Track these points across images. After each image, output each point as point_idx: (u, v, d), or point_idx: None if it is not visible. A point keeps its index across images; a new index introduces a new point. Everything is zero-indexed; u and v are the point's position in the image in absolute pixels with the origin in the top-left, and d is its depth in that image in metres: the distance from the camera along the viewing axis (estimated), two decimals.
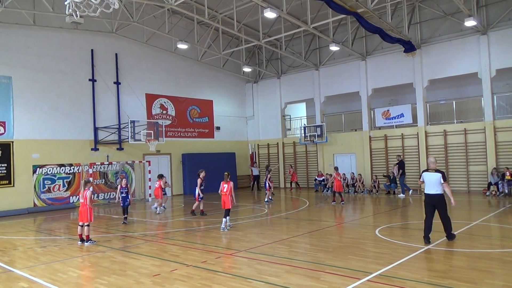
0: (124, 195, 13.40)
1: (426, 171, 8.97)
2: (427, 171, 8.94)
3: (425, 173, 8.98)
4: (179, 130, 24.57)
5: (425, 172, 8.98)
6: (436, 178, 8.67)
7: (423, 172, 9.11)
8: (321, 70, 24.94)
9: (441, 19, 20.30)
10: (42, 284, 6.96)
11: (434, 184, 8.69)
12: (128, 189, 13.52)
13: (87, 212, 10.17)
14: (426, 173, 8.95)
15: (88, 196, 10.21)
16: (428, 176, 8.85)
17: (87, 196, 10.22)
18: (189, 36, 22.54)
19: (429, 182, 8.80)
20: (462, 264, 7.14)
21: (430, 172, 8.86)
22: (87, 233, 10.28)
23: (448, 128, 20.04)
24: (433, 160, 9.01)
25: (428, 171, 8.93)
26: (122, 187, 13.45)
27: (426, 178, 8.89)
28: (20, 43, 18.30)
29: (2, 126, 17.57)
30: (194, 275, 7.06)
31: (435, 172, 8.76)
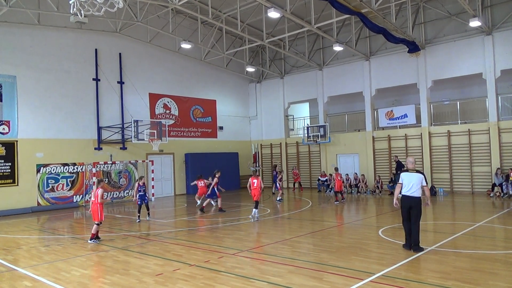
0: (142, 193, 13.51)
1: (407, 172, 8.42)
2: (408, 172, 8.40)
3: (405, 173, 8.40)
4: (182, 130, 24.60)
5: (405, 173, 8.41)
6: (418, 179, 8.24)
7: (402, 172, 8.51)
8: (325, 70, 24.90)
9: (445, 19, 20.22)
10: (45, 283, 6.98)
11: (415, 185, 8.22)
12: (145, 187, 13.62)
13: (97, 211, 10.27)
14: (407, 173, 8.38)
15: (99, 194, 10.30)
16: (409, 176, 8.30)
17: (98, 194, 10.30)
18: (193, 36, 22.56)
19: (409, 183, 8.25)
20: (465, 265, 7.11)
21: (411, 172, 8.35)
22: (94, 232, 10.37)
23: (452, 128, 19.96)
24: (412, 160, 8.57)
25: (408, 171, 8.41)
26: (140, 186, 13.54)
27: (406, 179, 8.31)
28: (25, 43, 18.38)
29: (6, 125, 17.65)
30: (197, 275, 7.06)
31: (416, 173, 8.35)
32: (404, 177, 8.37)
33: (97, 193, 10.31)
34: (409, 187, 8.24)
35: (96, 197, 10.30)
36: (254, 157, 27.66)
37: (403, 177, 8.38)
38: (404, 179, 8.35)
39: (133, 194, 15.73)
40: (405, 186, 8.32)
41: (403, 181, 8.35)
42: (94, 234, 10.37)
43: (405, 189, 8.31)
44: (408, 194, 8.27)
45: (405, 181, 8.33)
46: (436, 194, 18.89)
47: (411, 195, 8.24)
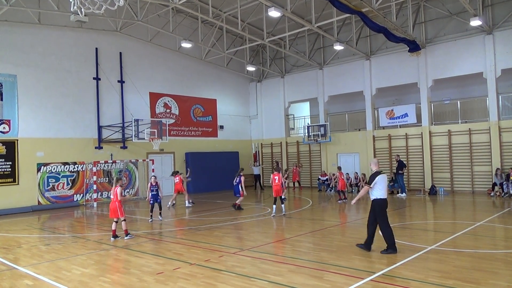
0: (154, 192, 13.49)
1: (381, 174, 8.19)
2: (381, 174, 8.19)
3: (381, 176, 8.17)
4: (183, 129, 24.60)
5: (381, 175, 8.18)
6: (387, 180, 8.17)
7: (377, 175, 8.17)
8: (325, 70, 24.89)
9: (446, 18, 20.20)
10: (46, 282, 6.99)
11: (386, 187, 8.19)
12: (158, 186, 13.62)
13: (117, 209, 10.46)
14: (382, 175, 8.18)
15: (118, 192, 10.47)
16: (384, 179, 8.18)
17: (117, 192, 10.48)
18: (193, 35, 22.54)
19: (384, 186, 8.15)
20: (466, 265, 7.11)
21: (383, 174, 8.21)
22: (125, 228, 10.58)
23: (453, 128, 19.95)
24: (376, 162, 8.52)
25: (381, 173, 8.20)
26: (153, 185, 13.51)
27: (383, 182, 8.15)
28: (25, 42, 18.38)
29: (7, 124, 17.66)
30: (197, 274, 7.07)
31: (385, 174, 8.27)
32: (381, 180, 8.14)
33: (116, 192, 10.50)
34: (385, 190, 8.17)
35: (116, 195, 10.50)
36: (255, 156, 27.66)
37: (380, 179, 8.11)
38: (381, 182, 8.13)
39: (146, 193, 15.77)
40: (381, 189, 8.12)
41: (378, 184, 8.09)
42: (127, 230, 10.63)
43: (381, 192, 8.11)
44: (385, 197, 8.18)
45: (382, 184, 8.13)
46: (436, 193, 18.88)
47: (385, 197, 8.19)
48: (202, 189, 23.95)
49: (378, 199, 8.14)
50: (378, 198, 8.13)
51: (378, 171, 8.28)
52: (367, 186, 8.14)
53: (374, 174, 8.21)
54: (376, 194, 8.13)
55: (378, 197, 8.12)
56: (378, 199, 8.13)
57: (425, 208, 15.46)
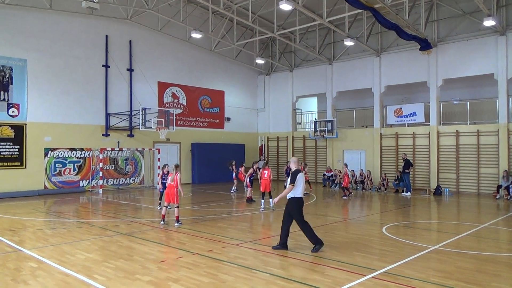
0: (165, 181, 13.54)
1: (300, 172, 8.06)
2: (300, 172, 8.04)
3: (300, 174, 8.02)
4: (190, 120, 24.65)
5: (300, 173, 8.02)
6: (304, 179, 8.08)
7: (297, 173, 7.99)
8: (335, 65, 24.75)
9: (459, 17, 19.96)
10: (50, 265, 7.08)
11: (303, 186, 8.05)
12: None
13: (175, 194, 10.65)
14: (301, 174, 8.04)
15: (179, 178, 10.65)
16: (302, 177, 8.01)
17: (177, 178, 10.65)
18: (203, 25, 22.49)
19: (302, 184, 7.96)
20: (468, 266, 7.09)
21: (301, 173, 8.08)
22: (177, 214, 10.79)
23: (461, 128, 19.80)
24: (296, 160, 8.35)
25: (300, 172, 8.07)
26: (164, 174, 13.56)
27: (301, 180, 7.96)
28: (36, 27, 18.44)
29: (16, 108, 17.80)
30: (200, 263, 7.12)
31: (302, 173, 8.17)
32: (300, 178, 7.97)
33: (177, 178, 10.66)
34: (302, 189, 8.06)
35: (176, 181, 10.66)
36: (261, 149, 27.68)
37: (299, 178, 7.95)
38: (300, 181, 7.97)
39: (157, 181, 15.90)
40: (299, 188, 7.98)
41: (298, 183, 7.93)
42: (178, 216, 10.81)
43: (299, 190, 7.99)
44: (302, 196, 8.07)
45: (300, 182, 7.98)
46: (441, 194, 18.80)
47: (302, 196, 8.10)
48: (207, 180, 24.05)
49: (295, 197, 7.98)
50: (295, 197, 7.98)
51: (298, 170, 8.14)
52: (291, 185, 7.92)
53: (295, 173, 8.01)
54: (293, 193, 7.99)
55: (295, 196, 7.97)
56: (295, 198, 7.97)
57: (429, 208, 15.41)
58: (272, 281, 6.17)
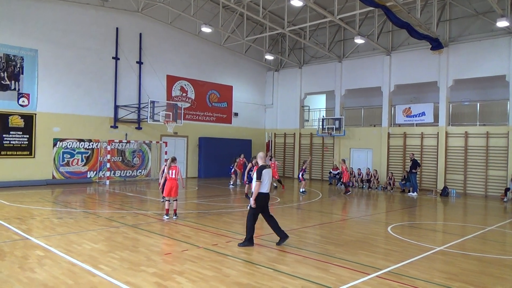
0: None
1: (266, 168, 8.02)
2: (266, 168, 8.02)
3: (266, 170, 8.00)
4: (198, 114, 24.71)
5: (266, 169, 8.00)
6: (271, 174, 8.08)
7: (263, 169, 7.96)
8: (344, 63, 24.63)
9: (472, 17, 19.73)
10: (57, 254, 7.17)
11: (270, 182, 8.05)
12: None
13: (177, 187, 10.76)
14: (267, 170, 8.01)
15: (180, 171, 10.88)
16: (268, 173, 7.99)
17: (180, 170, 10.87)
18: (214, 20, 22.47)
19: (268, 180, 7.98)
20: (473, 268, 7.06)
21: (267, 169, 8.05)
22: (175, 207, 10.92)
23: (470, 130, 19.62)
24: (262, 156, 8.32)
25: (266, 167, 8.05)
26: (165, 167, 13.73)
27: (267, 176, 7.96)
28: (48, 17, 18.56)
29: (26, 98, 17.96)
30: (204, 257, 7.17)
31: (269, 168, 8.14)
32: (266, 174, 7.96)
33: (179, 170, 10.83)
34: (268, 185, 8.05)
35: (179, 174, 10.79)
36: (267, 145, 27.68)
37: (265, 173, 7.93)
38: (266, 176, 7.96)
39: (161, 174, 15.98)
40: (267, 183, 7.98)
41: (264, 179, 7.92)
42: (176, 209, 10.94)
43: (266, 186, 8.00)
44: (268, 191, 8.09)
45: (266, 178, 7.97)
46: (448, 195, 18.68)
47: (268, 191, 8.10)
48: (214, 174, 24.13)
49: (259, 193, 7.97)
50: (263, 191, 8.00)
51: (264, 165, 8.13)
52: (258, 181, 7.90)
53: (260, 168, 7.99)
54: (262, 188, 7.97)
55: (260, 191, 7.96)
56: (259, 193, 7.97)
57: (435, 209, 15.33)
58: (275, 277, 6.19)
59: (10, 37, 17.48)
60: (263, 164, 8.13)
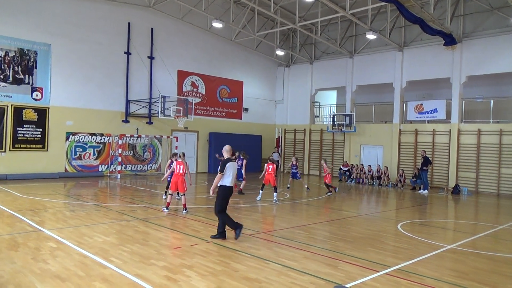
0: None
1: (230, 161, 8.09)
2: (231, 161, 8.10)
3: (231, 163, 8.08)
4: (208, 109, 24.77)
5: (230, 163, 8.08)
6: (236, 168, 8.17)
7: (227, 162, 8.04)
8: (355, 58, 24.44)
9: (486, 13, 19.40)
10: (69, 246, 7.28)
11: (234, 175, 8.12)
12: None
13: (183, 183, 10.87)
14: (231, 163, 8.09)
15: (188, 167, 11.00)
16: (233, 166, 8.11)
17: (188, 167, 11.04)
18: (225, 15, 22.44)
19: (233, 173, 8.08)
20: (484, 267, 7.00)
21: (233, 162, 8.14)
22: (184, 202, 11.01)
23: (483, 127, 19.35)
24: (228, 149, 8.34)
25: (231, 161, 8.13)
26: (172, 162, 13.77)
27: (232, 169, 8.05)
28: (61, 12, 18.73)
29: (39, 92, 18.19)
30: (213, 252, 7.22)
31: (235, 162, 8.18)
32: (230, 167, 8.06)
33: (187, 166, 10.96)
34: (232, 178, 8.11)
35: (185, 170, 10.89)
36: (277, 141, 27.66)
37: (229, 167, 8.04)
38: (230, 169, 8.05)
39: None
40: (229, 176, 8.05)
41: (227, 171, 8.00)
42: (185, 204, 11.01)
43: (229, 179, 8.07)
44: (232, 185, 8.14)
45: (230, 171, 8.04)
46: (459, 193, 18.49)
47: (232, 184, 8.15)
48: None
49: (223, 185, 8.09)
50: (223, 185, 8.09)
51: (229, 159, 8.19)
52: (220, 173, 8.02)
53: (224, 161, 8.10)
54: (222, 181, 8.08)
55: (223, 184, 8.07)
56: (222, 186, 8.09)
57: (446, 207, 15.20)
58: (284, 273, 6.21)
59: (24, 32, 17.70)
60: (228, 158, 8.23)
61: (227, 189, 8.10)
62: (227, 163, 8.04)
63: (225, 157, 8.24)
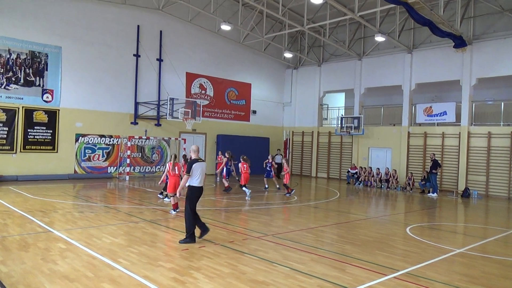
0: None
1: (197, 162, 8.05)
2: (198, 162, 8.05)
3: (197, 163, 8.02)
4: (216, 111, 24.84)
5: (197, 163, 8.03)
6: (205, 168, 8.16)
7: (193, 162, 8.02)
8: (364, 61, 24.34)
9: (497, 14, 19.21)
10: (78, 247, 7.34)
11: (204, 174, 8.14)
12: None
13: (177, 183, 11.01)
14: (198, 163, 8.03)
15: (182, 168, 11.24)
16: (201, 166, 8.06)
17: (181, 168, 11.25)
18: (233, 17, 22.52)
19: (201, 173, 8.05)
20: (494, 271, 6.91)
21: (200, 162, 8.08)
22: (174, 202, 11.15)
23: (493, 130, 19.14)
24: (195, 149, 8.34)
25: (198, 161, 8.08)
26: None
27: (199, 169, 8.01)
28: (72, 15, 18.94)
29: (50, 94, 18.40)
30: (221, 254, 7.22)
31: (203, 162, 8.17)
32: (197, 168, 8.03)
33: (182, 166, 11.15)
34: (201, 178, 8.08)
35: (180, 170, 11.14)
36: (285, 143, 27.62)
37: (195, 167, 8.02)
38: (197, 170, 8.02)
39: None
40: (196, 176, 8.02)
41: (194, 172, 7.99)
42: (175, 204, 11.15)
43: (197, 179, 8.04)
44: (201, 185, 8.12)
45: (197, 172, 8.03)
46: (469, 196, 18.29)
47: (201, 185, 8.14)
48: None
49: (191, 186, 8.09)
50: (191, 185, 8.08)
51: (196, 159, 8.16)
52: (187, 175, 8.03)
53: (191, 162, 8.10)
54: (190, 181, 8.07)
55: (191, 184, 8.07)
56: (191, 186, 8.09)
57: (456, 210, 15.05)
58: (292, 276, 6.20)
59: (35, 35, 17.92)
60: (195, 158, 8.23)
61: (194, 190, 8.10)
62: (193, 164, 8.05)
63: (193, 157, 8.27)
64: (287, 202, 13.77)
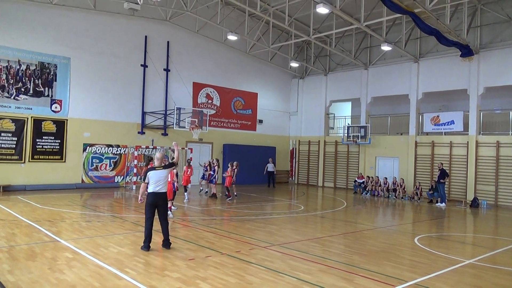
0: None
1: (154, 170, 8.28)
2: (155, 170, 8.28)
3: (153, 172, 8.23)
4: (223, 121, 24.92)
5: (152, 171, 8.24)
6: (164, 175, 8.28)
7: (149, 170, 8.28)
8: (370, 70, 24.35)
9: (504, 23, 19.17)
10: (85, 256, 7.35)
11: (162, 182, 8.23)
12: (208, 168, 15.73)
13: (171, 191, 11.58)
14: (154, 171, 8.24)
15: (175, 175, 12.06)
16: (157, 174, 8.22)
17: (175, 175, 12.07)
18: (240, 28, 22.69)
19: (157, 181, 8.18)
20: (505, 283, 6.80)
21: (158, 170, 8.27)
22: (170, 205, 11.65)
23: (502, 139, 18.97)
24: (159, 157, 8.51)
25: (155, 169, 8.28)
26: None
27: (154, 177, 8.17)
28: (80, 26, 19.22)
29: (59, 104, 18.59)
30: (227, 264, 7.19)
31: (163, 169, 8.31)
32: (152, 176, 8.18)
33: (174, 174, 11.85)
34: (157, 185, 8.17)
35: (172, 177, 11.68)
36: (292, 153, 27.59)
37: (150, 176, 8.19)
38: (152, 178, 8.17)
39: None
40: (152, 184, 8.17)
41: (150, 180, 8.18)
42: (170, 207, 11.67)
43: (152, 186, 8.16)
44: (156, 191, 8.16)
45: (153, 180, 8.17)
46: (478, 206, 18.08)
47: (159, 191, 8.18)
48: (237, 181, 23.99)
49: (148, 192, 8.28)
50: (148, 191, 8.28)
51: (151, 168, 8.37)
52: (144, 183, 8.31)
53: (146, 170, 8.36)
54: (149, 189, 8.27)
55: (149, 191, 8.24)
56: (147, 193, 8.28)
57: (465, 220, 14.87)
58: (299, 286, 6.15)
59: (44, 45, 18.19)
60: (152, 166, 8.45)
61: (148, 196, 8.26)
62: (148, 172, 8.26)
63: (155, 165, 8.47)
64: (293, 212, 13.70)
